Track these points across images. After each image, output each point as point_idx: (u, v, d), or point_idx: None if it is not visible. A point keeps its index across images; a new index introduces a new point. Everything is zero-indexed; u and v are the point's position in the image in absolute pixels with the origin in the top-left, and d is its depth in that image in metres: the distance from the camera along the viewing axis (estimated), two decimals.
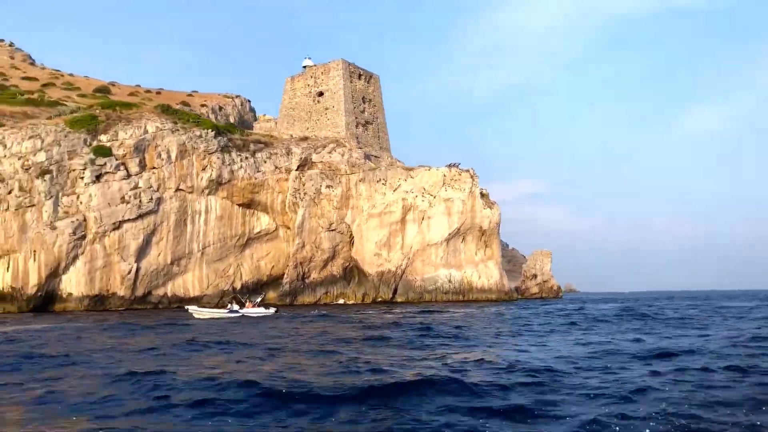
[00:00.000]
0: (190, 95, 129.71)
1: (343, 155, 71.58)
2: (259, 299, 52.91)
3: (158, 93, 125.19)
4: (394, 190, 69.71)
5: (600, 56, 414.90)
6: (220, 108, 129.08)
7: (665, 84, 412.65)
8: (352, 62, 78.86)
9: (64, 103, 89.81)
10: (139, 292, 60.96)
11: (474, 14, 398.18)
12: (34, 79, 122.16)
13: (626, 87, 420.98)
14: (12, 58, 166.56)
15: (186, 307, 51.39)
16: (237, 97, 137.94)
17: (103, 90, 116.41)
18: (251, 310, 48.44)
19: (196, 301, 65.12)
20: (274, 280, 71.72)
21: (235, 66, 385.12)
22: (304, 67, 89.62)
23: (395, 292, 67.87)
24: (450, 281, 68.23)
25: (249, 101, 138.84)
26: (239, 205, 68.02)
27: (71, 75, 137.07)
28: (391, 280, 67.95)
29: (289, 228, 71.18)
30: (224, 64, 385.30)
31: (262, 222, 70.02)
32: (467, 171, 70.88)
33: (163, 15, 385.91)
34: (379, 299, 67.64)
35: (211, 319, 43.68)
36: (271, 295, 70.17)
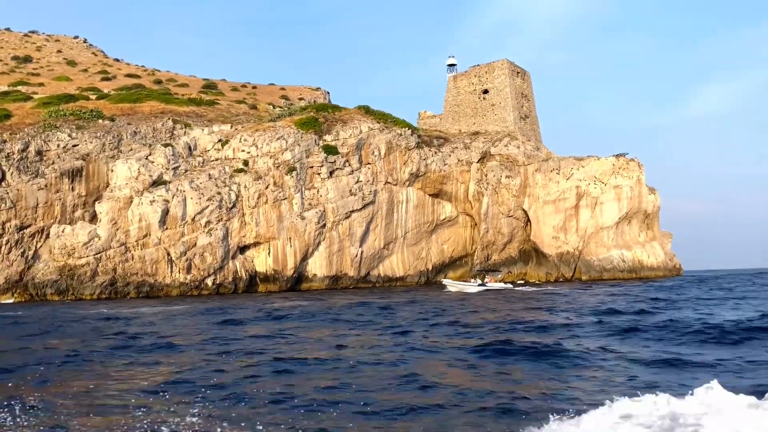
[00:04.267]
0: (282, 89, 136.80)
1: (518, 147, 78.93)
2: (500, 276, 60.77)
3: (254, 87, 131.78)
4: (567, 179, 76.88)
5: (606, 36, 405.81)
6: (314, 101, 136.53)
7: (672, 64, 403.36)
8: (513, 61, 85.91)
9: (218, 102, 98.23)
10: (362, 272, 69.29)
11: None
12: (136, 75, 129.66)
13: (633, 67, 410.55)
14: (95, 54, 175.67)
15: (441, 280, 59.64)
16: (318, 89, 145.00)
17: (211, 86, 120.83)
18: (494, 285, 56.24)
19: (401, 280, 73.40)
20: (453, 262, 79.67)
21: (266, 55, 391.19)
22: (450, 65, 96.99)
23: (574, 271, 75.29)
24: (623, 260, 75.46)
25: (328, 93, 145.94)
26: (430, 195, 75.83)
27: (158, 71, 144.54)
28: (570, 261, 75.38)
29: (468, 215, 78.87)
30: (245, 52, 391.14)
31: (446, 210, 77.75)
32: (633, 160, 77.75)
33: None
34: (561, 278, 75.16)
35: (462, 292, 51.26)
36: (452, 275, 78.19)
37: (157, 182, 58.75)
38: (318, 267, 65.44)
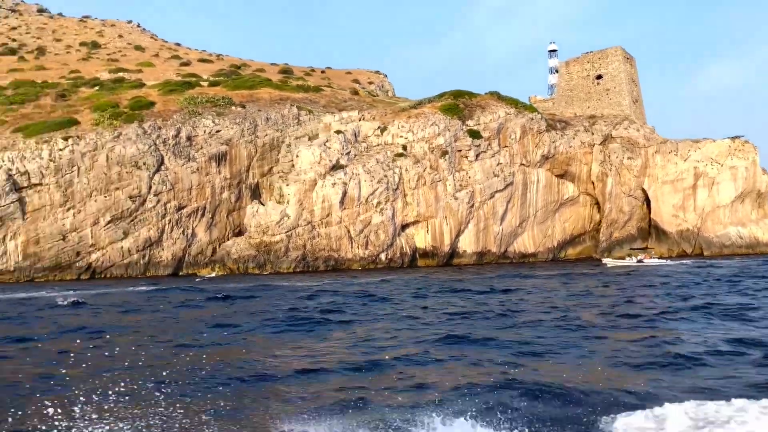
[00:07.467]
0: (348, 72, 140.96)
1: (638, 130, 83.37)
2: (653, 253, 65.86)
3: (323, 72, 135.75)
4: (685, 160, 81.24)
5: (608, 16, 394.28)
6: (382, 85, 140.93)
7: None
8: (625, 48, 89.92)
9: (323, 88, 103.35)
10: (502, 249, 74.65)
11: None
12: (209, 61, 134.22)
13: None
14: (154, 39, 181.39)
15: (602, 259, 64.77)
16: (378, 72, 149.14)
17: (288, 71, 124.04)
18: (651, 261, 61.24)
19: (533, 256, 78.55)
20: (573, 239, 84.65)
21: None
22: (551, 51, 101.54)
23: (694, 246, 79.98)
24: (740, 237, 79.97)
25: (386, 75, 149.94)
26: (556, 175, 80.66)
27: (221, 55, 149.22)
28: (690, 237, 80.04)
29: (589, 195, 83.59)
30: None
31: (569, 189, 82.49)
32: (748, 142, 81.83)
33: None
34: (682, 254, 79.87)
35: (621, 266, 56.32)
36: (571, 251, 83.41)
37: (336, 166, 64.29)
38: (468, 244, 70.89)
